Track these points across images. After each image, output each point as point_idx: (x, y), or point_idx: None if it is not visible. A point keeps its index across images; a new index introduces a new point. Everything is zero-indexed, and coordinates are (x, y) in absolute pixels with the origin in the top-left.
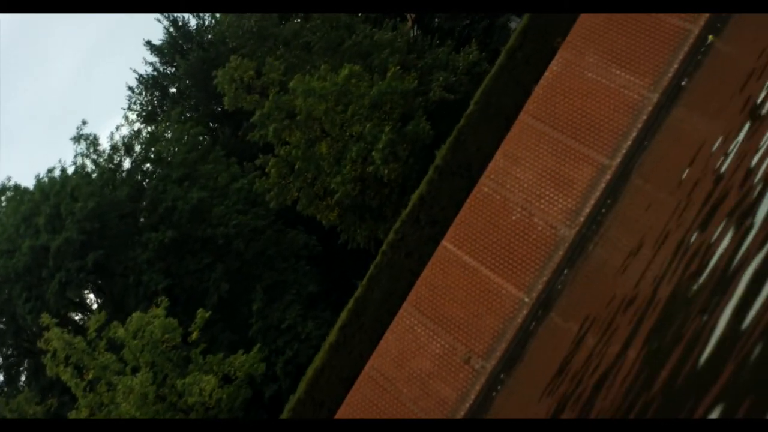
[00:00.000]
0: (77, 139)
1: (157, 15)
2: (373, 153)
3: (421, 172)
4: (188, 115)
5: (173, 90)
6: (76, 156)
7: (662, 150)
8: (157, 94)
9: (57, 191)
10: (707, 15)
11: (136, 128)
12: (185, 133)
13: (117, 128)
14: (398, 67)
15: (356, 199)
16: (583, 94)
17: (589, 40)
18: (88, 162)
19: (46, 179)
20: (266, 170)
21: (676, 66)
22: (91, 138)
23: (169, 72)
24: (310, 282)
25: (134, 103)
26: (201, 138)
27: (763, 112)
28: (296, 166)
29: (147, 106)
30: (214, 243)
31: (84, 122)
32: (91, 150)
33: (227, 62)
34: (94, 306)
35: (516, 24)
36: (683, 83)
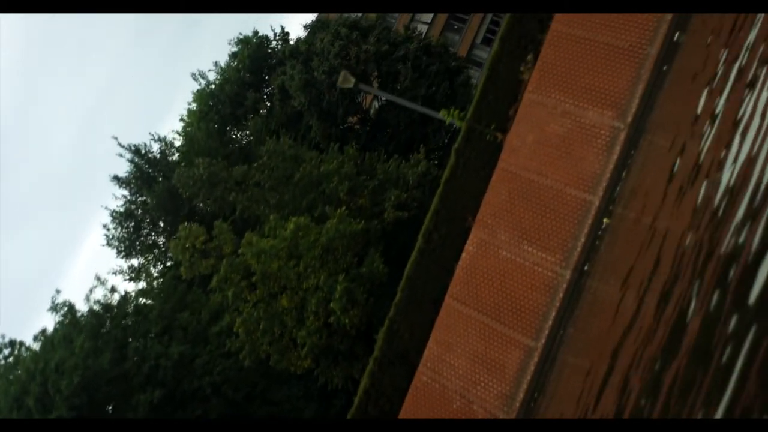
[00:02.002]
0: (53, 308)
1: (119, 149)
2: (332, 304)
3: (383, 310)
4: (163, 248)
5: (147, 220)
6: (56, 324)
7: (584, 323)
8: (131, 225)
9: (42, 368)
10: (605, 185)
11: (109, 287)
12: (161, 284)
13: (91, 290)
14: (344, 208)
15: (325, 347)
16: (500, 274)
17: (498, 218)
18: (69, 329)
19: (28, 354)
20: (234, 330)
21: (582, 240)
22: (67, 306)
23: (139, 201)
24: (306, 406)
25: (111, 239)
26: (175, 283)
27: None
28: (260, 325)
29: (124, 240)
30: (202, 392)
31: (58, 291)
32: (69, 318)
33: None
34: None
35: (476, 79)
36: (592, 254)
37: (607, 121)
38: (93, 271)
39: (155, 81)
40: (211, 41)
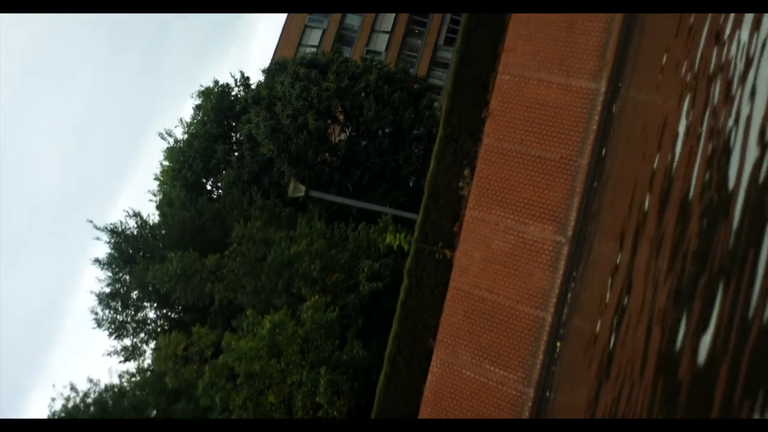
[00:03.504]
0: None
1: (96, 232)
2: (317, 398)
3: (368, 394)
4: (150, 326)
5: (134, 296)
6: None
7: None
8: (117, 305)
9: None
10: (554, 300)
11: (98, 385)
12: (149, 377)
13: (86, 395)
14: (318, 288)
15: None
16: (467, 395)
17: (458, 337)
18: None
19: None
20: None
21: (540, 357)
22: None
23: (123, 279)
24: None
25: (103, 321)
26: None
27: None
28: None
29: (113, 321)
30: None
31: (53, 385)
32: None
33: (159, 340)
34: None
35: (438, 102)
36: (552, 369)
37: (549, 235)
38: (83, 353)
39: (127, 121)
40: (172, 85)
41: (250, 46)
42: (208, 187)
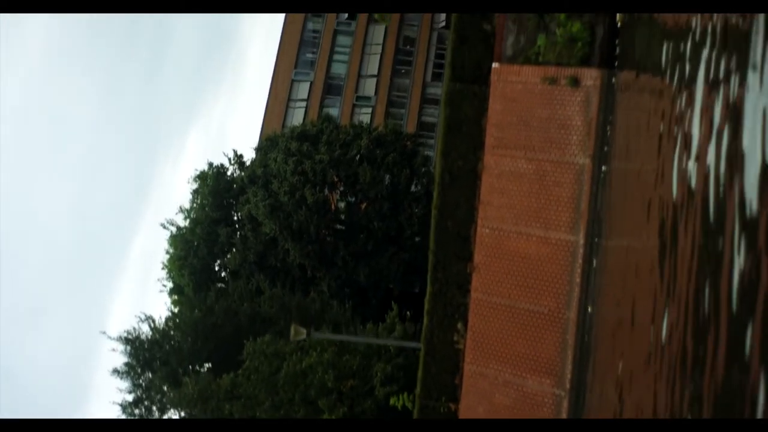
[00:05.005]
0: None
1: (113, 342)
2: None
3: None
4: None
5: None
6: None
7: None
8: (143, 410)
9: None
10: None
11: None
12: None
13: None
14: (334, 397)
15: None
16: None
17: None
18: None
19: None
20: None
21: None
22: None
23: (144, 384)
24: None
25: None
26: None
27: None
28: None
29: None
30: None
31: None
32: None
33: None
34: None
35: (432, 153)
36: None
37: (548, 389)
38: None
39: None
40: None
41: (243, 80)
42: (216, 269)
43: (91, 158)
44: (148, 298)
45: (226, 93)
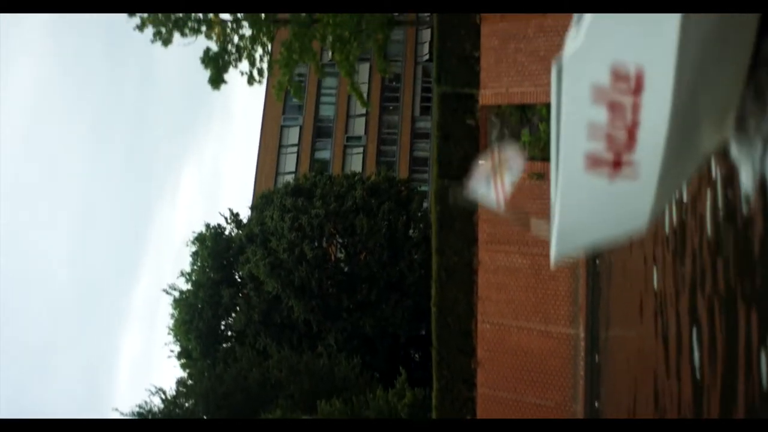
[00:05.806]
0: None
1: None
2: None
3: None
4: None
5: None
6: None
7: None
8: None
9: None
10: None
11: None
12: None
13: None
14: None
15: None
16: None
17: None
18: None
19: None
20: None
21: None
22: None
23: None
24: None
25: None
26: None
27: None
28: None
29: None
30: None
31: None
32: None
33: None
34: None
35: (426, 187)
36: None
37: None
38: None
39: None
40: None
41: (232, 116)
42: (222, 329)
43: (87, 207)
44: (153, 360)
45: (216, 129)
